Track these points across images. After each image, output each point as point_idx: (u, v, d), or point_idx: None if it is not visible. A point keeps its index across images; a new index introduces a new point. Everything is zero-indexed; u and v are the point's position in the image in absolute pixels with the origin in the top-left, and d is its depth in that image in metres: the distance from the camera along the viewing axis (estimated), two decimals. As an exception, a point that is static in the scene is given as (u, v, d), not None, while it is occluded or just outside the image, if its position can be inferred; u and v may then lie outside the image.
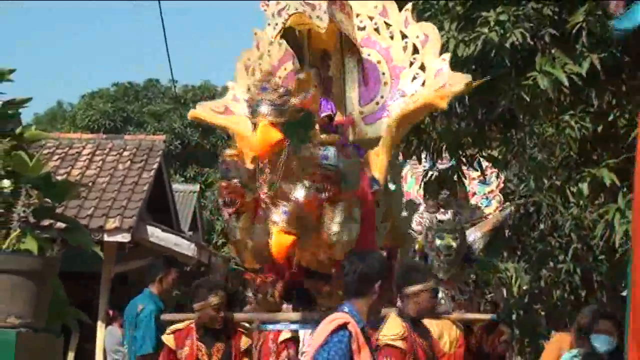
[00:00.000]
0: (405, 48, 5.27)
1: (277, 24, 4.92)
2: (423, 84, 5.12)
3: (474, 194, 9.26)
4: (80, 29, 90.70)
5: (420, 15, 5.76)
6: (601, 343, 4.97)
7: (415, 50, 5.23)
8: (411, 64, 5.23)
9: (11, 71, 3.17)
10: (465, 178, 7.63)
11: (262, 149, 3.98)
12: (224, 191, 4.30)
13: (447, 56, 5.12)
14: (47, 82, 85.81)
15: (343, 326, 3.54)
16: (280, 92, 4.03)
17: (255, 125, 3.99)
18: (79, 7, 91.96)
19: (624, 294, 8.65)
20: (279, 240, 4.05)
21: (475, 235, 7.54)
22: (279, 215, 4.03)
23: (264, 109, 3.95)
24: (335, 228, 4.16)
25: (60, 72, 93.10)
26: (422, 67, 5.16)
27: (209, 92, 30.73)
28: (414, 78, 5.17)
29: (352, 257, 3.88)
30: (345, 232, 4.20)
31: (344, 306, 3.73)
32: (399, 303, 4.63)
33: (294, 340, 6.37)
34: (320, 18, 4.81)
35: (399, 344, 4.36)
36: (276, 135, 3.92)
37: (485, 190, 9.33)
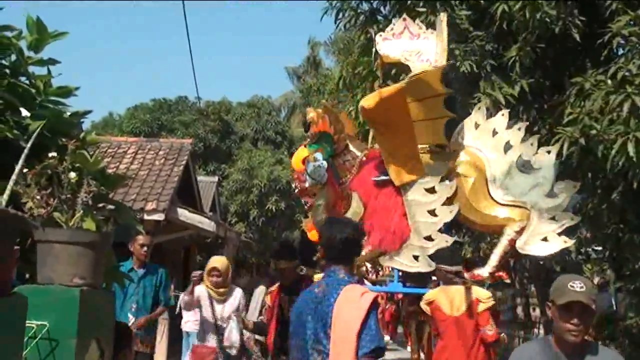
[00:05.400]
0: None
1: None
2: None
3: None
4: (129, 58, 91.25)
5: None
6: None
7: None
8: None
9: (76, 88, 3.14)
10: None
11: None
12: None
13: None
14: (101, 97, 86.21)
15: (376, 299, 2.92)
16: None
17: None
18: (129, 38, 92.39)
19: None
20: None
21: None
22: None
23: None
24: None
25: (112, 89, 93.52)
26: None
27: (226, 107, 30.56)
28: None
29: None
30: None
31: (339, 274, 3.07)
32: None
33: None
34: None
35: None
36: None
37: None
